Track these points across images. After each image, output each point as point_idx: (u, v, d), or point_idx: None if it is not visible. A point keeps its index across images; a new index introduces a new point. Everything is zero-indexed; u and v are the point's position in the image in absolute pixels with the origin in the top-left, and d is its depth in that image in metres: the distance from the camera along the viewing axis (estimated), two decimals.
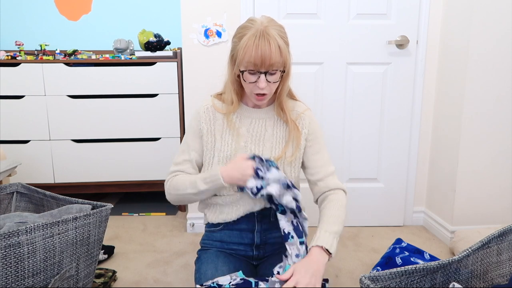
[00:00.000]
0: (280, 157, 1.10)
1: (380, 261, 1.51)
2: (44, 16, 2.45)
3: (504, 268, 0.93)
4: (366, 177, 1.98)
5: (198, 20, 1.79)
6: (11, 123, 2.07)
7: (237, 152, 1.09)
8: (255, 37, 0.98)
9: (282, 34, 1.03)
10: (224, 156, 1.10)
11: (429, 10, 1.82)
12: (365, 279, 0.75)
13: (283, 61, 1.01)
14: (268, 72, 1.01)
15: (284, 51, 1.01)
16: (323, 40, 1.84)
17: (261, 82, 1.01)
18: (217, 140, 1.11)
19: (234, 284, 0.94)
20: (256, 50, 0.98)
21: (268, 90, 1.05)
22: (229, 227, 1.15)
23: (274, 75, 1.02)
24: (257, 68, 1.00)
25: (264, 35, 0.98)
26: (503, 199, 1.79)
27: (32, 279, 0.99)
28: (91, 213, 1.12)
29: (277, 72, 1.02)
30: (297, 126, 1.13)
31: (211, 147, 1.12)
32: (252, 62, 0.99)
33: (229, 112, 1.12)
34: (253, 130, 1.12)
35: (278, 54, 0.99)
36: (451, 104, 1.78)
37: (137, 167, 2.16)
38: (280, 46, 0.99)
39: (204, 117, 1.12)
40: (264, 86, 1.02)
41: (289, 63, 1.05)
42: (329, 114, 1.91)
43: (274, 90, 1.08)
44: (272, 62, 0.99)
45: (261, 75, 1.01)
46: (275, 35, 0.99)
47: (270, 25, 1.01)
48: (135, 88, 2.08)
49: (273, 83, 1.04)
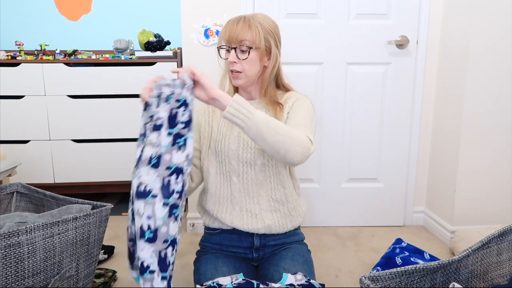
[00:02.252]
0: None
1: (380, 261, 1.51)
2: (44, 16, 2.45)
3: (504, 268, 0.93)
4: (366, 177, 1.98)
5: (198, 20, 1.79)
6: (11, 123, 2.07)
7: (230, 141, 1.11)
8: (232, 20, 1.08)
9: (265, 22, 1.08)
10: (218, 146, 1.12)
11: (429, 10, 1.82)
12: (365, 279, 0.75)
13: (252, 38, 1.05)
14: (238, 48, 1.06)
15: (255, 31, 1.05)
16: (323, 40, 1.84)
17: (230, 56, 1.06)
18: (214, 131, 1.15)
19: (236, 283, 0.94)
20: (226, 28, 1.07)
21: (240, 68, 1.07)
22: (227, 230, 1.15)
23: (245, 52, 1.06)
24: (228, 44, 1.07)
25: (240, 17, 1.07)
26: (503, 199, 1.79)
27: (32, 279, 0.99)
28: (91, 213, 1.12)
29: (247, 49, 1.06)
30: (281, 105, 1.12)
31: (208, 138, 1.16)
32: (222, 37, 1.08)
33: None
34: None
35: (246, 30, 1.05)
36: (451, 104, 1.78)
37: None
38: (250, 25, 1.05)
39: (204, 111, 1.19)
40: (232, 60, 1.06)
41: (262, 44, 1.06)
42: (329, 114, 1.91)
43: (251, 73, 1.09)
44: (240, 38, 1.05)
45: (232, 50, 1.07)
46: (253, 19, 1.06)
47: (258, 14, 1.09)
48: (135, 88, 2.08)
49: (243, 60, 1.06)
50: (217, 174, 1.14)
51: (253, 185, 1.11)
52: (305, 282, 0.96)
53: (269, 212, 1.13)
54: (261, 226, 1.12)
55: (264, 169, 1.10)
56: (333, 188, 1.98)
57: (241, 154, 1.10)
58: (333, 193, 1.98)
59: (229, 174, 1.12)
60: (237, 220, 1.12)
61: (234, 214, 1.12)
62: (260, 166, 1.10)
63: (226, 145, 1.11)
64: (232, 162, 1.11)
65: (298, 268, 1.06)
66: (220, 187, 1.14)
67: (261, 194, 1.12)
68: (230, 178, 1.12)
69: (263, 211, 1.12)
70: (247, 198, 1.12)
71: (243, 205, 1.12)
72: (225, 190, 1.13)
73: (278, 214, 1.14)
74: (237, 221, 1.12)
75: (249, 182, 1.11)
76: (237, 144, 1.10)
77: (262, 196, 1.12)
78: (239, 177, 1.11)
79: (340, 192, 1.99)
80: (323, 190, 1.97)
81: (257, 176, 1.11)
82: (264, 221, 1.12)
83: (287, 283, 0.97)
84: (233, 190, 1.12)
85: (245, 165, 1.10)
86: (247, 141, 1.10)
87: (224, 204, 1.14)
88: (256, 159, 1.09)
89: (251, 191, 1.12)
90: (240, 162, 1.10)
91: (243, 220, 1.12)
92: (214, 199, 1.15)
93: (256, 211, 1.12)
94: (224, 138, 1.12)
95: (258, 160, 1.09)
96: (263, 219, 1.12)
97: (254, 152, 1.09)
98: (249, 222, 1.11)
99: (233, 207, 1.13)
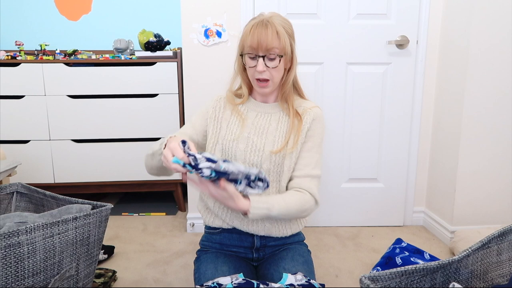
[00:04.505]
0: (282, 148, 1.09)
1: (380, 261, 1.51)
2: (44, 16, 2.45)
3: (504, 268, 0.93)
4: (366, 177, 1.98)
5: (198, 20, 1.79)
6: (11, 123, 2.07)
7: (239, 141, 1.10)
8: (255, 24, 1.04)
9: (285, 24, 1.07)
10: (226, 144, 1.11)
11: (429, 10, 1.82)
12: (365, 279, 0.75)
13: (282, 46, 1.04)
14: (267, 56, 1.04)
15: (283, 37, 1.03)
16: (323, 40, 1.84)
17: (259, 65, 1.04)
18: (223, 128, 1.14)
19: (236, 283, 0.94)
20: (253, 34, 1.03)
21: (269, 76, 1.06)
22: (228, 230, 1.15)
23: (274, 60, 1.05)
24: (255, 51, 1.04)
25: (264, 21, 1.03)
26: (503, 199, 1.79)
27: (32, 279, 0.99)
28: (91, 213, 1.12)
29: (276, 57, 1.04)
30: (301, 117, 1.12)
31: (216, 133, 1.14)
32: (249, 45, 1.04)
33: (238, 103, 1.16)
34: (257, 123, 1.13)
35: (275, 38, 1.02)
36: (451, 104, 1.78)
37: (137, 167, 2.16)
38: (278, 32, 1.03)
39: (215, 105, 1.17)
40: (262, 69, 1.04)
41: (289, 50, 1.07)
42: (329, 114, 1.91)
43: (278, 80, 1.10)
44: (270, 46, 1.02)
45: (260, 59, 1.04)
46: (276, 23, 1.03)
47: (275, 16, 1.06)
48: (135, 88, 2.08)
49: (272, 68, 1.06)
50: None
51: None
52: (305, 282, 0.96)
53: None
54: (261, 228, 1.11)
55: (268, 174, 1.10)
56: (333, 188, 1.98)
57: (248, 155, 1.09)
58: (333, 193, 1.98)
59: None
60: (237, 220, 1.12)
61: (234, 213, 1.12)
62: (266, 171, 1.09)
63: (234, 144, 1.10)
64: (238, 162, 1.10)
65: (298, 268, 1.06)
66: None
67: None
68: None
69: None
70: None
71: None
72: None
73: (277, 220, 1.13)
74: (237, 221, 1.12)
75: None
76: (246, 145, 1.10)
77: None
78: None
79: (340, 192, 1.99)
80: (323, 190, 1.96)
81: None
82: (265, 224, 1.11)
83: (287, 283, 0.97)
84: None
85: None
86: (256, 143, 1.10)
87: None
88: (262, 162, 1.09)
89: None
90: (246, 163, 1.09)
91: (243, 221, 1.11)
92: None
93: None
94: (234, 137, 1.11)
95: (264, 164, 1.09)
96: (263, 222, 1.11)
97: (262, 156, 1.09)
98: (249, 223, 1.11)
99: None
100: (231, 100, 1.16)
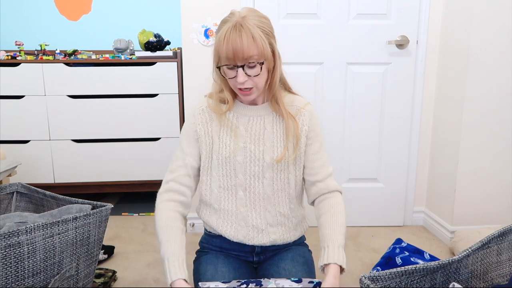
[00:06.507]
0: (283, 157, 1.04)
1: (380, 261, 1.51)
2: (44, 16, 2.45)
3: (504, 268, 0.93)
4: (366, 177, 1.98)
5: (198, 20, 1.79)
6: (11, 123, 2.07)
7: (236, 154, 1.04)
8: (229, 30, 0.92)
9: (261, 23, 0.95)
10: (222, 159, 1.05)
11: (429, 10, 1.82)
12: (365, 279, 0.75)
13: (260, 51, 0.93)
14: (246, 65, 0.94)
15: (260, 41, 0.93)
16: (323, 40, 1.84)
17: (239, 76, 0.94)
18: (215, 142, 1.06)
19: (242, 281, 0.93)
20: (227, 43, 0.92)
21: (252, 84, 0.97)
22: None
23: (254, 68, 0.95)
24: (233, 62, 0.94)
25: (237, 27, 0.92)
26: (503, 199, 1.79)
27: (32, 279, 0.99)
28: (91, 213, 1.11)
29: (257, 64, 0.94)
30: (295, 119, 1.05)
31: (209, 149, 1.06)
32: (225, 56, 0.93)
33: (225, 111, 1.06)
34: (251, 129, 1.06)
35: (251, 45, 0.92)
36: (451, 104, 1.78)
37: (137, 167, 2.16)
38: (254, 37, 0.92)
39: (200, 119, 1.07)
40: (242, 80, 0.95)
41: (269, 53, 0.96)
42: (329, 114, 1.91)
43: (262, 85, 1.00)
44: (247, 55, 0.92)
45: (239, 69, 0.94)
46: (251, 26, 0.92)
47: (249, 15, 0.94)
48: (135, 88, 2.08)
49: (254, 76, 0.96)
50: (221, 189, 1.07)
51: (260, 200, 1.06)
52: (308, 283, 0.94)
53: (274, 227, 1.09)
54: (267, 240, 1.08)
55: (273, 183, 1.06)
56: None
57: (248, 167, 1.04)
58: None
59: (235, 188, 1.06)
60: (242, 235, 1.08)
61: (239, 229, 1.08)
62: (269, 179, 1.05)
63: (232, 157, 1.04)
64: (239, 176, 1.05)
65: (298, 269, 1.06)
66: (224, 203, 1.08)
67: (268, 209, 1.07)
68: (236, 192, 1.07)
69: (269, 226, 1.08)
70: (253, 213, 1.07)
71: (249, 220, 1.07)
72: (230, 205, 1.07)
73: (283, 228, 1.10)
74: (241, 236, 1.08)
75: (256, 196, 1.06)
76: (244, 157, 1.04)
77: (270, 211, 1.07)
78: (245, 191, 1.06)
79: None
80: None
81: (265, 190, 1.06)
82: (270, 236, 1.08)
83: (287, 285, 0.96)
84: (239, 205, 1.07)
85: (252, 179, 1.05)
86: (254, 152, 1.04)
87: (228, 220, 1.09)
88: (264, 172, 1.04)
89: (257, 206, 1.07)
90: (247, 175, 1.05)
91: (248, 236, 1.07)
92: (218, 214, 1.09)
93: (262, 227, 1.08)
94: (229, 150, 1.04)
95: (266, 173, 1.05)
96: (268, 234, 1.08)
97: (263, 165, 1.04)
98: (254, 238, 1.08)
99: (238, 223, 1.08)
100: (217, 109, 1.05)
